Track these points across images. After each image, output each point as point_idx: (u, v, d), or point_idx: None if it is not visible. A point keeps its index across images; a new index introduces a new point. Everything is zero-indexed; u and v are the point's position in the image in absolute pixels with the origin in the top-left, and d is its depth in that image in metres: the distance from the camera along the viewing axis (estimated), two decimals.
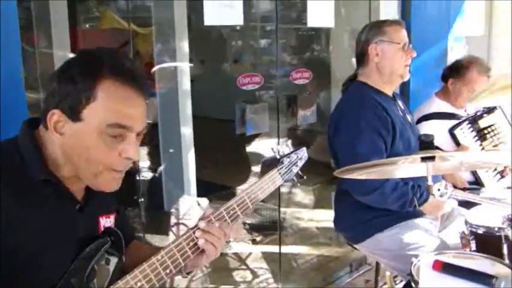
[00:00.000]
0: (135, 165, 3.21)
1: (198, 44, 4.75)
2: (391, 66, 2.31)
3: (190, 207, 4.20)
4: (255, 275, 3.67)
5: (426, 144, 1.43)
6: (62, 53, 3.54)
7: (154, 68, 4.43)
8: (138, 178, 3.68)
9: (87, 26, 6.80)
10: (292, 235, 4.46)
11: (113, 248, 1.31)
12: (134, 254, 1.44)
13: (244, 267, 3.78)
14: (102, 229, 1.34)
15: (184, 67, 4.40)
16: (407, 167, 1.58)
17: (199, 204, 4.29)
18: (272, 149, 1.68)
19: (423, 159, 1.42)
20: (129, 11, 5.20)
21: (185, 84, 4.42)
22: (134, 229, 3.60)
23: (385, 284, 2.84)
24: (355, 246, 2.48)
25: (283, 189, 4.62)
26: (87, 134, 1.17)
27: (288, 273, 3.68)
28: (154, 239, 4.01)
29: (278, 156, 1.65)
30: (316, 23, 3.15)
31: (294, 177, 1.69)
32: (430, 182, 1.44)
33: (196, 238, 1.35)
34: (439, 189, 1.39)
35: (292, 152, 1.68)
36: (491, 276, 1.72)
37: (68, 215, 1.25)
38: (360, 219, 2.37)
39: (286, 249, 3.97)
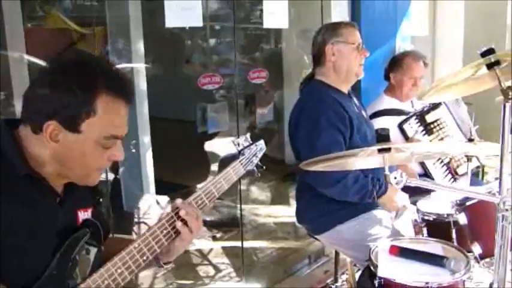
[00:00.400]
0: None
1: (151, 44, 4.77)
2: (347, 66, 2.45)
3: (149, 206, 4.26)
4: (217, 269, 3.76)
5: (383, 136, 1.56)
6: (18, 54, 3.49)
7: None
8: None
9: (29, 25, 6.61)
10: (251, 231, 4.56)
11: (92, 238, 1.37)
12: (112, 246, 1.50)
13: (206, 262, 3.86)
14: (81, 222, 1.41)
15: (140, 68, 4.42)
16: (366, 159, 1.71)
17: (158, 203, 4.34)
18: (233, 141, 1.79)
19: (380, 150, 1.56)
20: (73, 10, 5.13)
21: (141, 85, 4.43)
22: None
23: (346, 271, 3.01)
24: (317, 237, 2.59)
25: (240, 187, 4.74)
26: (84, 144, 1.25)
27: (249, 267, 3.78)
28: None
29: (239, 148, 1.77)
30: (272, 24, 3.26)
31: (255, 168, 1.80)
32: (387, 172, 1.57)
33: (178, 218, 1.42)
34: (395, 177, 1.53)
35: (251, 144, 1.79)
36: (443, 257, 1.88)
37: (49, 208, 1.31)
38: (321, 212, 2.49)
39: (246, 244, 4.04)
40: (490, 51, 1.54)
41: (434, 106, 3.28)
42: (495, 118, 1.62)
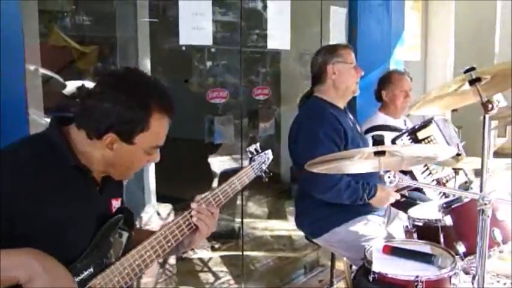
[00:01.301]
0: None
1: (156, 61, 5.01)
2: (346, 83, 2.69)
3: (151, 216, 4.43)
4: (217, 277, 3.93)
5: (378, 142, 1.77)
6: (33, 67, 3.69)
7: None
8: None
9: None
10: (248, 242, 4.73)
11: (124, 224, 1.58)
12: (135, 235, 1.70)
13: (206, 269, 4.03)
14: (114, 209, 1.61)
15: None
16: (361, 162, 1.92)
17: (159, 214, 4.52)
18: (246, 150, 2.03)
19: (376, 153, 1.77)
20: (71, 29, 5.32)
21: None
22: None
23: (342, 278, 3.19)
24: (315, 240, 2.79)
25: (238, 202, 4.92)
26: (135, 153, 1.48)
27: (247, 275, 3.95)
28: None
29: (250, 156, 2.00)
30: (275, 45, 3.50)
31: (263, 174, 2.03)
32: (381, 172, 1.78)
33: (191, 217, 1.63)
34: (389, 177, 1.74)
35: (261, 152, 2.02)
36: (431, 255, 2.09)
37: (92, 196, 1.52)
38: (318, 216, 2.69)
39: (244, 254, 4.24)
40: (472, 69, 1.76)
41: (425, 124, 3.48)
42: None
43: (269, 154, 2.07)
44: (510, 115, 2.73)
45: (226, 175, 4.60)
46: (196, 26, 2.84)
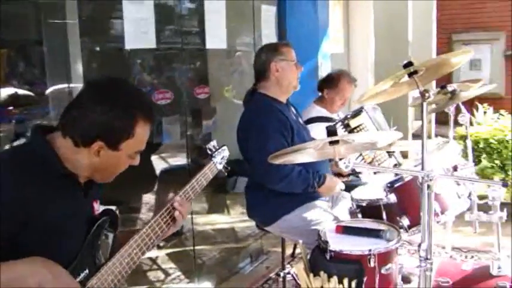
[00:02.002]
0: None
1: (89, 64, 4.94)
2: (288, 80, 2.87)
3: None
4: (167, 274, 4.01)
5: (332, 132, 1.96)
6: None
7: (48, 90, 4.54)
8: None
9: None
10: (191, 238, 4.83)
11: (109, 225, 1.66)
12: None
13: (156, 267, 4.09)
14: (98, 210, 1.69)
15: (78, 88, 4.58)
16: (317, 152, 2.11)
17: None
18: (206, 147, 2.16)
19: (331, 143, 1.96)
20: None
21: None
22: None
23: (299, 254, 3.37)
24: (267, 228, 2.96)
25: None
26: (119, 158, 1.56)
27: (196, 270, 4.06)
28: None
29: (210, 152, 2.13)
30: (213, 45, 3.63)
31: (222, 168, 2.17)
32: (337, 159, 1.97)
33: (173, 210, 1.75)
34: (344, 163, 1.93)
35: (219, 148, 2.16)
36: (379, 230, 2.32)
37: (79, 201, 1.59)
38: (269, 205, 2.86)
39: (189, 249, 4.33)
40: (410, 64, 1.99)
41: (356, 113, 3.73)
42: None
43: (226, 150, 2.21)
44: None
45: (166, 174, 4.66)
46: (141, 30, 2.91)
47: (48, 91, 4.49)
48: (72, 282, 1.42)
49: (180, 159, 4.73)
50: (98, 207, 1.72)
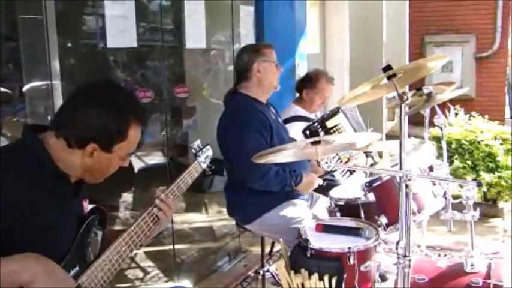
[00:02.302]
0: None
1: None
2: (269, 80, 2.92)
3: None
4: (145, 272, 4.01)
5: (314, 133, 2.01)
6: None
7: (25, 88, 4.49)
8: None
9: None
10: (169, 236, 4.83)
11: (98, 223, 1.68)
12: None
13: (134, 265, 4.09)
14: (87, 209, 1.71)
15: (56, 85, 4.54)
16: (299, 151, 2.16)
17: None
18: (190, 145, 2.20)
19: (313, 143, 2.01)
20: None
21: (57, 102, 4.55)
22: None
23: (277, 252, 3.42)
24: (246, 227, 3.00)
25: None
26: (111, 160, 1.60)
27: (175, 268, 4.08)
28: None
29: (194, 152, 2.17)
30: (193, 44, 3.65)
31: (206, 167, 2.20)
32: (319, 159, 2.02)
33: (158, 210, 1.77)
34: (326, 162, 1.98)
35: (203, 148, 2.19)
36: (358, 229, 2.38)
37: (70, 200, 1.62)
38: (249, 204, 2.90)
39: (167, 248, 4.34)
40: (389, 67, 2.05)
41: (333, 113, 3.77)
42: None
43: (210, 149, 2.24)
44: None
45: (144, 172, 4.65)
46: (122, 29, 2.91)
47: (25, 88, 4.44)
48: (66, 277, 1.44)
49: (159, 158, 4.74)
50: (87, 206, 1.74)
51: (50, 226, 1.48)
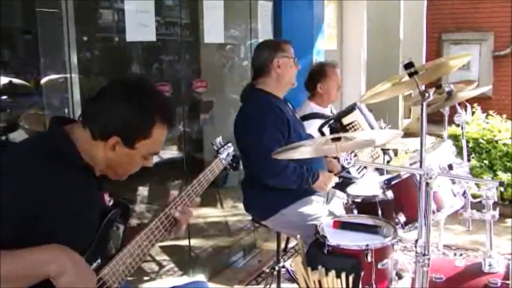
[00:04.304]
0: None
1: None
2: (288, 76, 2.91)
3: None
4: (161, 266, 4.04)
5: (333, 129, 2.01)
6: None
7: (43, 80, 4.53)
8: None
9: None
10: (184, 231, 4.85)
11: (120, 217, 1.69)
12: None
13: (149, 259, 4.11)
14: (109, 202, 1.72)
15: (74, 79, 4.57)
16: (317, 148, 2.15)
17: None
18: (211, 142, 2.20)
19: (333, 139, 2.01)
20: None
21: (76, 96, 4.58)
22: None
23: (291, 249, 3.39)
24: (263, 222, 2.99)
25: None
26: (133, 157, 1.59)
27: (190, 262, 4.10)
28: None
29: (216, 149, 2.17)
30: (211, 39, 3.65)
31: (228, 165, 2.20)
32: (339, 155, 2.02)
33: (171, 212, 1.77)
34: (346, 159, 1.97)
35: (225, 145, 2.19)
36: (376, 226, 2.37)
37: (94, 192, 1.64)
38: (266, 200, 2.89)
39: (182, 243, 4.36)
40: (411, 65, 2.03)
41: (349, 110, 3.74)
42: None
43: (231, 146, 2.25)
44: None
45: (161, 166, 4.65)
46: (141, 23, 2.92)
47: (43, 81, 4.48)
48: (90, 272, 1.46)
49: (174, 152, 4.76)
50: (108, 200, 1.75)
51: (74, 217, 1.49)
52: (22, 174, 1.42)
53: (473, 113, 5.76)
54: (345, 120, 3.71)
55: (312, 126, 3.45)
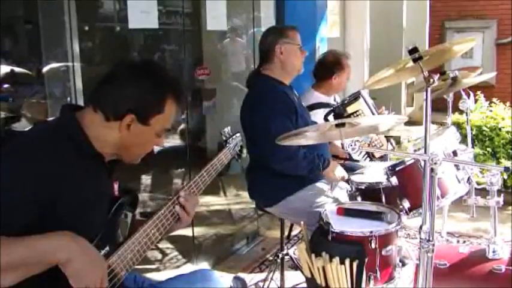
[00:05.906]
0: None
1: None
2: (292, 63, 2.89)
3: None
4: (164, 253, 4.05)
5: (337, 115, 2.00)
6: None
7: (44, 69, 4.52)
8: None
9: None
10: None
11: (129, 205, 1.70)
12: None
13: (153, 247, 4.12)
14: (117, 190, 1.72)
15: (76, 67, 4.56)
16: (322, 134, 2.15)
17: None
18: (221, 132, 2.20)
19: (337, 125, 2.00)
20: None
21: (78, 83, 4.57)
22: None
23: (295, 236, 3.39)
24: (268, 209, 2.99)
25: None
26: (148, 134, 1.60)
27: (194, 250, 4.11)
28: None
29: (224, 138, 2.17)
30: (214, 26, 3.63)
31: (236, 156, 2.21)
32: (343, 141, 2.02)
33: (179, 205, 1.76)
34: (350, 145, 1.97)
35: (233, 135, 2.20)
36: (380, 213, 2.37)
37: (105, 180, 1.64)
38: (271, 187, 2.89)
39: (185, 231, 4.37)
40: (415, 50, 2.02)
41: (353, 99, 3.74)
42: None
43: (239, 137, 2.25)
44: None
45: (163, 155, 4.64)
46: (143, 10, 2.91)
47: (44, 69, 4.47)
48: (99, 257, 1.46)
49: (176, 141, 4.75)
50: (116, 188, 1.76)
51: (85, 204, 1.50)
52: (41, 157, 1.43)
53: (476, 100, 5.76)
54: (350, 109, 3.71)
55: (317, 116, 3.44)
